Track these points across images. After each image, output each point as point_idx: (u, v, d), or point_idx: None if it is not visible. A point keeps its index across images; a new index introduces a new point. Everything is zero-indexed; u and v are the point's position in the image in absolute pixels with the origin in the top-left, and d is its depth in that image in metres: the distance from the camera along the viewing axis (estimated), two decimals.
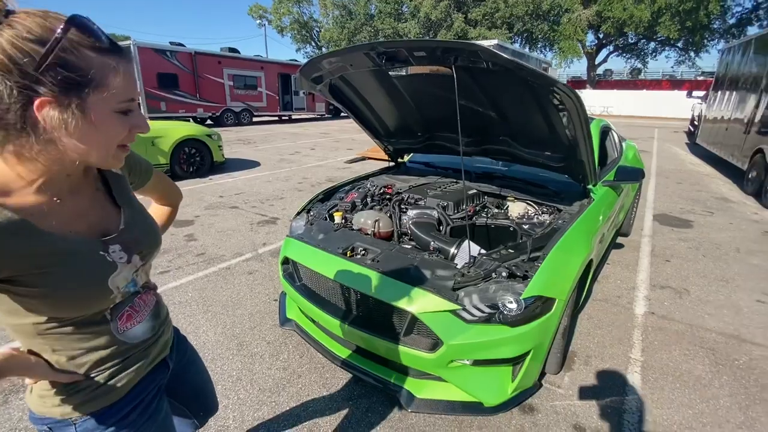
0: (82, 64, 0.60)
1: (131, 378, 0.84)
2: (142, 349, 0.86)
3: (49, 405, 0.76)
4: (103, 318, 0.77)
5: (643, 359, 2.37)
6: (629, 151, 4.12)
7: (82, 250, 0.71)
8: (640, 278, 3.41)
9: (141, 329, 0.85)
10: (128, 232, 0.81)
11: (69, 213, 0.72)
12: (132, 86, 0.67)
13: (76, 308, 0.72)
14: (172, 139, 6.44)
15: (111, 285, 0.75)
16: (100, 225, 0.77)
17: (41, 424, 0.79)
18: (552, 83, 1.72)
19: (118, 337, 0.80)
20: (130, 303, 0.82)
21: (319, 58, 2.19)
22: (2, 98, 0.56)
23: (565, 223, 2.11)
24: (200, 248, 3.85)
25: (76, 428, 0.78)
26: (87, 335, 0.75)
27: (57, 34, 0.57)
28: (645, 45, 28.53)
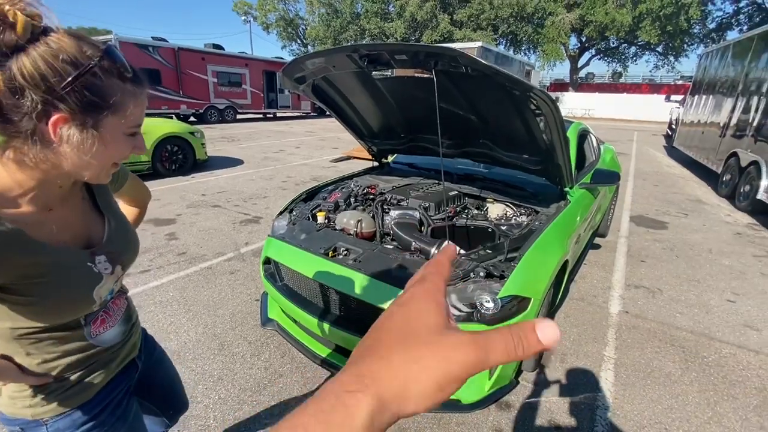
0: (107, 90, 0.64)
1: (101, 379, 0.85)
2: (111, 351, 0.87)
3: (19, 406, 0.77)
4: (77, 323, 0.79)
5: (616, 357, 2.45)
6: (607, 154, 4.24)
7: (72, 261, 0.74)
8: (615, 278, 3.52)
9: (113, 333, 0.87)
10: (112, 243, 0.83)
11: (59, 223, 0.74)
12: (143, 113, 0.72)
13: (60, 317, 0.74)
14: (154, 136, 6.32)
15: (95, 295, 0.77)
16: (85, 234, 0.79)
17: (13, 425, 0.79)
18: (528, 89, 1.76)
19: (91, 341, 0.82)
20: (104, 308, 0.84)
21: (302, 59, 2.19)
22: (24, 106, 0.59)
23: (542, 224, 2.17)
24: (182, 247, 3.80)
25: (48, 428, 0.78)
26: (61, 339, 0.77)
27: (93, 61, 0.61)
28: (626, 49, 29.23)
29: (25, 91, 0.58)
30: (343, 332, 1.85)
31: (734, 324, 2.87)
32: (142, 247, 2.70)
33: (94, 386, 0.83)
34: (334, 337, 1.94)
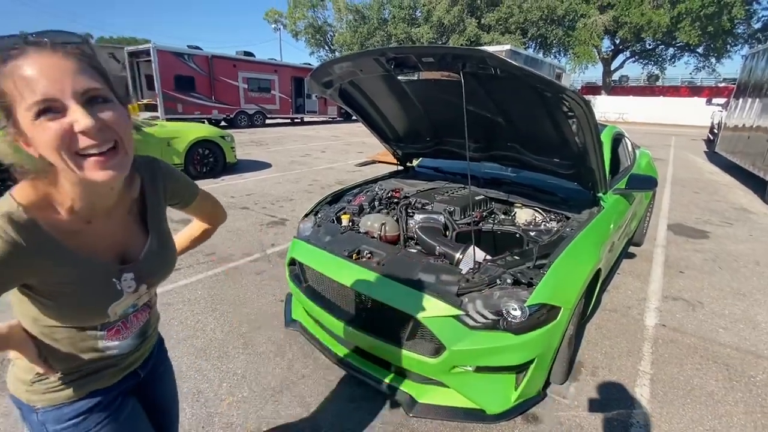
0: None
1: (98, 382, 0.86)
2: (116, 359, 0.88)
3: (21, 389, 0.81)
4: (93, 328, 0.81)
5: (652, 372, 2.32)
6: (643, 158, 4.06)
7: (98, 275, 0.75)
8: (651, 289, 3.34)
9: (124, 344, 0.87)
10: (146, 263, 0.83)
11: (96, 236, 0.75)
12: (40, 83, 0.58)
13: (73, 322, 0.77)
14: (187, 140, 6.57)
15: (110, 311, 0.78)
16: (122, 249, 0.80)
17: (14, 403, 0.84)
18: (560, 90, 1.71)
19: (101, 347, 0.83)
20: (123, 319, 0.85)
21: (330, 63, 2.21)
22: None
23: (573, 230, 2.08)
24: (211, 247, 3.91)
25: (38, 416, 0.82)
26: (74, 340, 0.79)
27: None
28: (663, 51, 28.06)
29: None
30: (366, 335, 1.84)
31: None
32: None
33: (87, 386, 0.84)
34: (357, 339, 1.93)
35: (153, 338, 1.00)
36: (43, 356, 0.78)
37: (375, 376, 1.94)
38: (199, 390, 2.07)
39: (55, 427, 0.81)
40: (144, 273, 0.82)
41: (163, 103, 13.73)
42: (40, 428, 0.82)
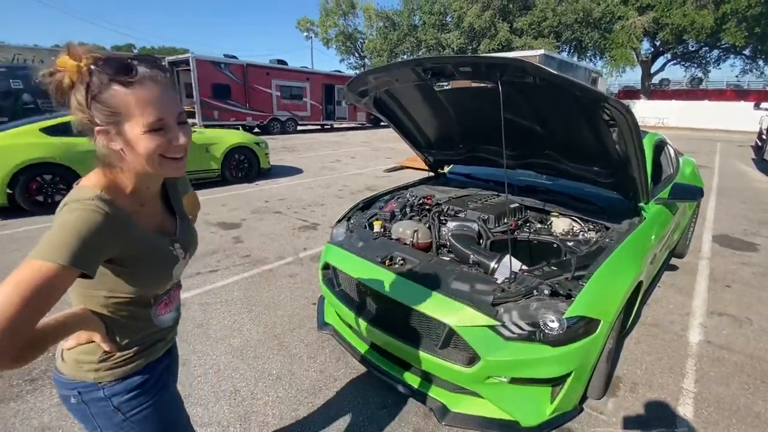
0: (111, 99, 0.74)
1: (153, 353, 0.99)
2: (161, 334, 1.02)
3: (84, 369, 0.89)
4: (149, 302, 0.94)
5: (696, 390, 2.21)
6: (686, 166, 3.88)
7: (161, 244, 0.91)
8: (695, 303, 3.18)
9: (169, 317, 1.02)
10: (183, 236, 1.00)
11: (148, 216, 0.91)
12: (159, 107, 0.77)
13: (148, 287, 0.90)
14: (224, 146, 6.85)
15: (174, 273, 0.95)
16: (163, 227, 0.97)
17: (71, 389, 0.91)
18: (602, 99, 1.68)
19: (153, 320, 0.96)
20: (167, 294, 0.99)
21: (366, 74, 2.27)
22: (85, 128, 0.77)
23: (613, 241, 2.03)
24: (246, 250, 4.05)
25: (104, 391, 0.90)
26: (135, 313, 0.91)
27: (86, 79, 0.73)
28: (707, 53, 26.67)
29: (79, 117, 0.75)
30: (398, 341, 1.86)
31: None
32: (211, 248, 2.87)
33: (145, 359, 0.97)
34: (389, 345, 1.95)
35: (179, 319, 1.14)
36: (109, 335, 0.88)
37: (406, 383, 1.96)
38: (236, 389, 2.15)
39: (121, 399, 0.92)
40: (184, 243, 0.99)
41: (200, 111, 14.34)
42: (104, 403, 0.90)
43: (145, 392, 0.95)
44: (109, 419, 0.92)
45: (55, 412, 1.95)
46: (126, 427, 0.93)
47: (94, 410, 0.91)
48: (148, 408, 0.96)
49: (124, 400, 0.92)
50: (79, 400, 0.90)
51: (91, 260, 0.72)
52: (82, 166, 5.10)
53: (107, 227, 0.73)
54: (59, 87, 0.74)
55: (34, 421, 1.90)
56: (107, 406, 0.91)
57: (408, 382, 1.96)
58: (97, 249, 0.72)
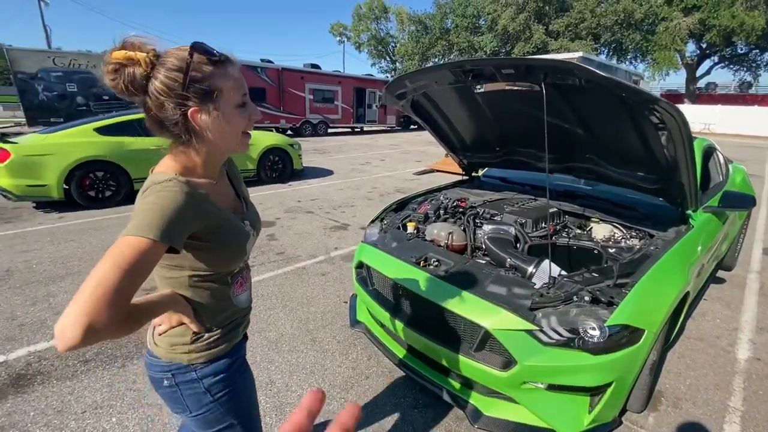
0: (207, 77, 0.80)
1: (235, 337, 1.03)
2: (242, 315, 1.07)
3: (179, 351, 0.94)
4: (227, 281, 0.98)
5: (744, 409, 2.08)
6: (737, 174, 3.67)
7: (234, 219, 0.95)
8: (744, 319, 3.00)
9: (245, 296, 1.06)
10: (250, 214, 1.05)
11: (220, 194, 0.95)
12: (242, 83, 0.86)
13: (226, 261, 0.94)
14: (260, 147, 7.08)
15: (247, 247, 0.98)
16: (234, 205, 1.02)
17: (165, 371, 0.96)
18: (653, 101, 1.62)
19: (233, 299, 1.00)
20: (241, 274, 1.04)
21: (406, 76, 2.29)
22: (170, 115, 0.80)
23: (659, 249, 1.95)
24: (280, 248, 4.16)
25: (197, 373, 0.95)
26: (216, 292, 0.96)
27: (187, 60, 0.78)
28: (758, 56, 25.05)
29: (165, 103, 0.78)
30: (431, 342, 1.86)
31: None
32: None
33: (230, 342, 1.01)
34: (422, 346, 1.95)
35: None
36: (197, 317, 0.93)
37: (439, 384, 1.95)
38: (272, 380, 2.22)
39: (211, 380, 0.97)
40: (252, 221, 1.04)
41: None
42: (196, 385, 0.96)
43: (231, 375, 1.00)
44: (199, 400, 0.96)
45: (106, 392, 2.09)
46: (213, 407, 0.98)
47: (186, 392, 0.96)
48: (233, 390, 1.01)
49: (214, 382, 0.97)
50: (172, 383, 0.95)
51: (177, 234, 0.76)
52: (131, 163, 5.42)
53: (187, 204, 0.78)
54: (132, 80, 0.76)
55: (88, 399, 2.04)
56: (198, 387, 0.96)
57: (441, 383, 1.95)
58: (181, 224, 0.77)
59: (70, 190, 5.25)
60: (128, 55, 0.75)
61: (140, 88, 0.78)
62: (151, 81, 0.77)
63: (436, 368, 2.00)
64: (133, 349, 2.44)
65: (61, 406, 2.00)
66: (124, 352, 2.41)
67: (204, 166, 0.89)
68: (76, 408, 1.99)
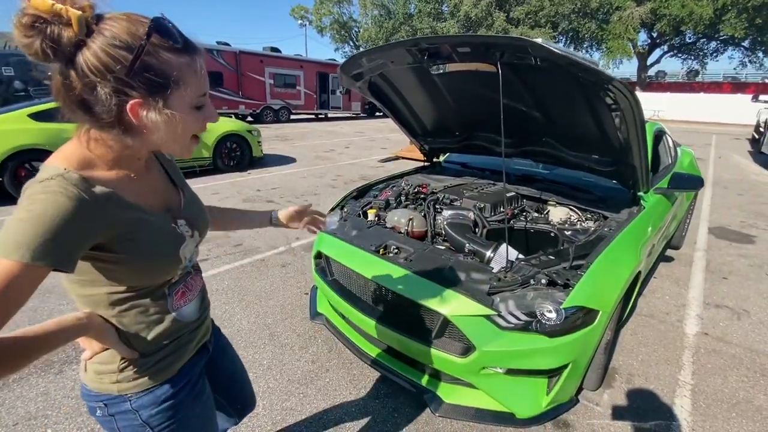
0: (164, 67, 0.64)
1: (181, 358, 0.88)
2: (190, 330, 0.90)
3: (106, 381, 0.80)
4: (162, 294, 0.82)
5: (693, 383, 2.19)
6: (685, 157, 3.84)
7: (158, 221, 0.77)
8: (691, 295, 3.16)
9: (191, 308, 0.89)
10: (189, 210, 0.88)
11: (143, 188, 0.78)
12: (205, 81, 0.72)
13: (152, 274, 0.78)
14: (216, 134, 6.71)
15: (181, 254, 0.81)
16: (165, 202, 0.84)
17: (96, 401, 0.82)
18: (607, 80, 1.61)
19: (173, 313, 0.84)
20: (184, 282, 0.87)
21: (360, 55, 2.18)
22: (101, 100, 0.62)
23: (612, 230, 1.98)
24: (237, 239, 3.97)
25: (131, 404, 0.81)
26: (148, 309, 0.80)
27: (141, 41, 0.61)
28: (705, 44, 26.57)
29: (97, 85, 0.61)
30: (392, 332, 1.80)
31: None
32: None
33: (175, 365, 0.86)
34: (383, 335, 1.90)
35: (209, 308, 1.03)
36: (123, 339, 0.78)
37: (400, 374, 1.91)
38: None
39: (150, 411, 0.82)
40: (191, 219, 0.86)
41: None
42: (132, 416, 0.81)
43: (177, 404, 0.85)
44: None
45: (41, 401, 1.89)
46: None
47: (121, 423, 0.82)
48: (180, 421, 0.86)
49: (154, 413, 0.82)
50: (105, 413, 0.82)
51: (62, 253, 0.59)
52: None
53: (77, 210, 0.60)
54: (55, 43, 0.57)
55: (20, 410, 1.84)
56: (135, 419, 0.81)
57: (401, 372, 1.91)
58: (66, 238, 0.59)
59: (4, 182, 4.77)
60: (55, 9, 0.56)
61: (64, 56, 0.59)
62: (82, 51, 0.59)
63: (398, 358, 1.96)
64: (72, 353, 2.24)
65: None
66: (62, 357, 2.20)
67: (121, 157, 0.71)
68: (7, 420, 1.80)
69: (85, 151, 0.68)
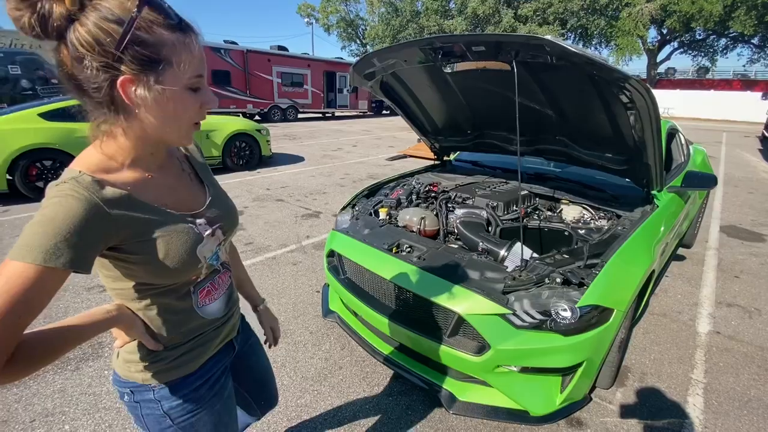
0: (156, 42, 0.63)
1: (204, 354, 0.90)
2: (214, 327, 0.92)
3: (133, 370, 0.83)
4: (187, 292, 0.83)
5: (706, 381, 2.18)
6: (697, 155, 3.81)
7: (174, 221, 0.77)
8: (704, 294, 3.14)
9: (216, 306, 0.90)
10: (212, 209, 0.87)
11: (160, 188, 0.78)
12: (201, 62, 0.70)
13: (170, 274, 0.77)
14: (225, 133, 6.76)
15: (199, 254, 0.80)
16: (187, 201, 0.83)
17: (124, 386, 0.85)
18: (624, 78, 1.60)
19: (197, 311, 0.86)
20: (210, 280, 0.88)
21: (373, 54, 2.19)
22: (91, 77, 0.61)
23: (626, 229, 1.98)
24: (248, 237, 4.01)
25: (154, 394, 0.84)
26: (173, 305, 0.82)
27: (132, 13, 0.60)
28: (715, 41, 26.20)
29: (86, 59, 0.60)
30: (405, 329, 1.82)
31: None
32: None
33: (197, 360, 0.88)
34: (396, 333, 1.91)
35: (238, 306, 1.05)
36: (149, 332, 0.81)
37: (414, 372, 1.92)
38: None
39: (171, 403, 0.85)
40: (213, 218, 0.85)
41: None
42: (155, 405, 0.84)
43: (197, 398, 0.87)
44: (157, 423, 0.85)
45: (58, 398, 1.93)
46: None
47: (145, 411, 0.85)
48: (198, 415, 0.88)
49: (175, 405, 0.85)
50: (132, 399, 0.85)
51: (75, 255, 0.60)
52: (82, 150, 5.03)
53: (88, 214, 0.61)
54: (47, 18, 0.57)
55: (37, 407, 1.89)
56: (157, 409, 0.84)
57: (415, 370, 1.92)
58: (79, 241, 0.60)
59: (15, 180, 4.84)
60: None
61: (55, 32, 0.59)
62: (74, 26, 0.58)
63: (411, 355, 1.97)
64: (89, 350, 2.28)
65: (7, 416, 1.84)
66: (79, 354, 2.25)
67: (134, 152, 0.72)
68: (24, 417, 1.83)
69: (100, 154, 0.70)
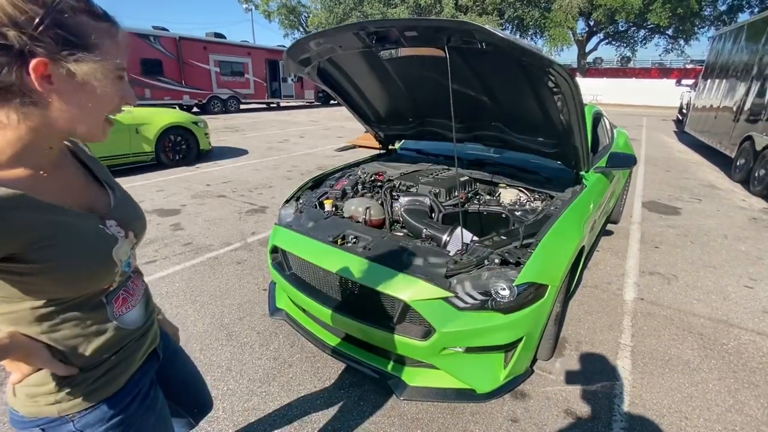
0: (78, 28, 0.59)
1: (128, 367, 0.82)
2: (136, 337, 0.84)
3: (42, 404, 0.71)
4: (100, 302, 0.75)
5: (632, 344, 2.39)
6: (620, 137, 4.12)
7: (82, 222, 0.68)
8: (629, 265, 3.44)
9: (135, 314, 0.83)
10: (119, 211, 0.79)
11: (58, 187, 0.69)
12: (123, 54, 0.67)
13: (82, 283, 0.69)
14: (157, 126, 6.25)
15: (115, 257, 0.72)
16: (88, 202, 0.74)
17: (31, 427, 0.73)
18: (548, 63, 1.67)
19: (115, 321, 0.77)
20: (123, 287, 0.80)
21: (307, 39, 2.10)
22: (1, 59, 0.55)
23: (558, 209, 2.09)
24: (187, 238, 3.77)
25: (74, 424, 0.73)
26: (84, 321, 0.72)
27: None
28: (635, 33, 28.51)
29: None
30: (353, 321, 1.80)
31: (753, 310, 2.80)
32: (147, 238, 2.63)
33: (123, 375, 0.80)
34: (345, 326, 1.89)
35: (155, 312, 0.97)
36: (57, 357, 0.70)
37: (364, 362, 1.91)
38: None
39: (97, 430, 0.75)
40: (124, 220, 0.78)
41: None
42: None
43: (128, 418, 0.79)
44: None
45: None
46: None
47: None
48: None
49: (102, 430, 0.75)
50: None
51: None
52: None
53: None
54: None
55: None
56: None
57: (366, 360, 1.92)
58: None
59: None
60: None
61: None
62: None
63: (361, 346, 1.96)
64: None
65: None
66: None
67: (25, 147, 0.61)
68: None
69: None
